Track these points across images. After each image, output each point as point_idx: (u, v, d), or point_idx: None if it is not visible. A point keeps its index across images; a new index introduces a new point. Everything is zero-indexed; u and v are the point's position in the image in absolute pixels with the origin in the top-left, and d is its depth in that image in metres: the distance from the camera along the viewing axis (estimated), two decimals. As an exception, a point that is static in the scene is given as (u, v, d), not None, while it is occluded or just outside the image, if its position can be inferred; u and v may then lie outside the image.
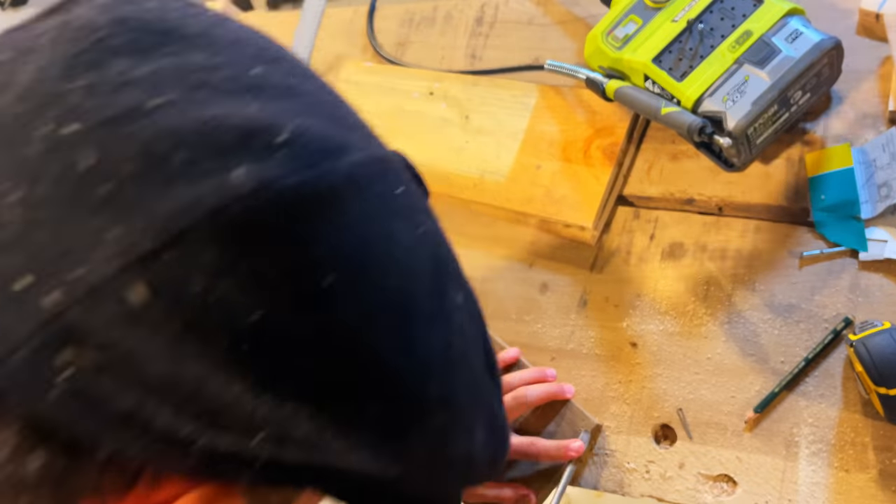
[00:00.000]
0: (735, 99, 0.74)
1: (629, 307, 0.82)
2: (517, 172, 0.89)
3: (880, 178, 0.75)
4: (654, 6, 0.82)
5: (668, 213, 0.85)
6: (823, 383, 0.73)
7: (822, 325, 0.75)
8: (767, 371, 0.75)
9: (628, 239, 0.85)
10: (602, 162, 0.85)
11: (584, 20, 0.97)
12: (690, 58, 0.78)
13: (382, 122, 1.10)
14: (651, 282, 0.82)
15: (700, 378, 0.77)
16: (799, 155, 0.81)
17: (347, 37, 1.13)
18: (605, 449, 0.78)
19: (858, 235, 0.75)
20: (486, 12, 1.04)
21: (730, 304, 0.79)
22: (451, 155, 0.93)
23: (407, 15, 1.10)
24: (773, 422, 0.73)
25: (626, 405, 0.79)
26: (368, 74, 1.04)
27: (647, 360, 0.80)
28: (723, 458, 0.74)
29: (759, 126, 0.75)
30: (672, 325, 0.80)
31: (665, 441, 0.77)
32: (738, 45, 0.76)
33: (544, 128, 0.90)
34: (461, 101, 0.96)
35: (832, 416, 0.72)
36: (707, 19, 0.79)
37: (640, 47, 0.81)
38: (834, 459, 0.70)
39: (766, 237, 0.80)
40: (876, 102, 0.80)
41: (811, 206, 0.78)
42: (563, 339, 0.84)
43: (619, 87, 0.82)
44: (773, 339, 0.76)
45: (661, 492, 0.75)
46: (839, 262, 0.76)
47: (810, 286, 0.76)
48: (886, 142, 0.76)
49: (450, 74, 0.99)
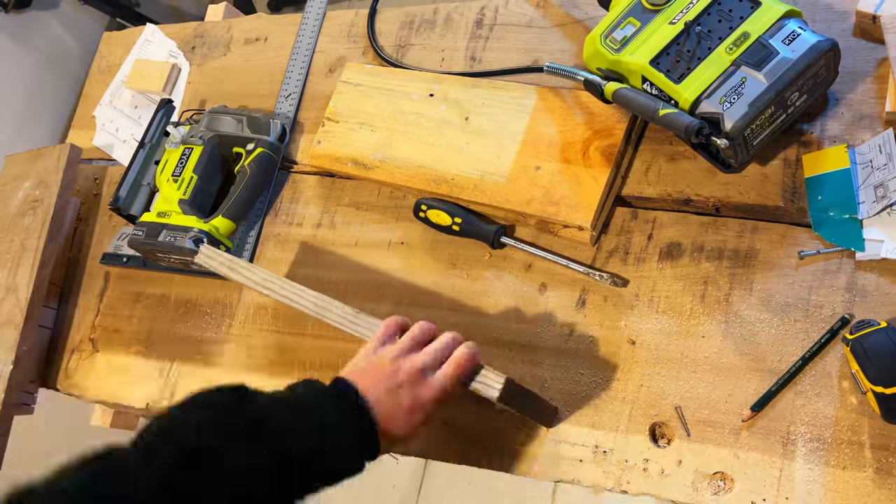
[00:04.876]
0: (732, 100, 0.74)
1: (627, 307, 0.83)
2: (516, 173, 0.90)
3: (877, 179, 0.76)
4: (652, 9, 0.83)
5: (665, 214, 0.86)
6: (820, 382, 0.73)
7: (819, 324, 0.75)
8: (765, 370, 0.75)
9: (626, 239, 0.86)
10: (600, 163, 0.86)
11: (582, 23, 0.98)
12: (688, 60, 0.78)
13: (383, 123, 1.11)
14: (649, 281, 0.83)
15: (698, 377, 0.78)
16: (796, 156, 0.82)
17: (348, 39, 1.13)
18: (604, 446, 0.78)
19: (855, 235, 0.75)
20: (485, 15, 1.05)
21: (727, 303, 0.79)
22: (451, 156, 0.94)
23: (407, 17, 1.10)
24: (770, 420, 0.74)
25: (625, 403, 0.79)
26: (369, 76, 1.04)
27: (646, 358, 0.80)
28: (720, 455, 0.74)
29: (756, 127, 0.75)
30: (670, 325, 0.81)
31: (663, 439, 0.77)
32: (735, 46, 0.76)
33: (543, 129, 0.91)
34: (461, 103, 0.97)
35: (829, 414, 0.72)
36: (704, 21, 0.79)
37: (638, 49, 0.82)
38: (831, 457, 0.71)
39: (763, 237, 0.80)
40: (872, 104, 0.81)
41: (808, 206, 0.79)
42: (562, 338, 0.84)
43: (618, 89, 0.83)
44: (771, 338, 0.76)
45: (659, 489, 0.75)
46: (836, 262, 0.77)
47: (807, 286, 0.77)
48: (883, 143, 0.77)
49: (450, 76, 1.00)
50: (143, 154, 1.11)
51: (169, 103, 1.15)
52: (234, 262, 0.81)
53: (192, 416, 0.62)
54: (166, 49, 1.28)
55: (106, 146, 1.25)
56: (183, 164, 1.06)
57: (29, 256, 1.09)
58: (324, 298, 0.79)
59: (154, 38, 1.30)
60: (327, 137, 1.03)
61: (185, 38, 1.27)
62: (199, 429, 0.61)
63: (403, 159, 0.97)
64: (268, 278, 0.80)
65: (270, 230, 1.06)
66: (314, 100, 1.11)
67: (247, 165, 1.04)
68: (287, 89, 1.13)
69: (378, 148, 0.99)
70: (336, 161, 1.01)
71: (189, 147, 1.07)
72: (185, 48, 1.26)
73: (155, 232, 1.02)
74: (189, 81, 1.23)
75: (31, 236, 1.11)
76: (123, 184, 1.08)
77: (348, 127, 1.02)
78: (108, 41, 1.37)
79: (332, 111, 1.04)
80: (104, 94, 1.29)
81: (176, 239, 1.00)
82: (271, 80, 1.15)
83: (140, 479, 0.56)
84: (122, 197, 1.08)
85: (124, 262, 1.12)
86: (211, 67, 1.22)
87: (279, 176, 1.08)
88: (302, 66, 1.14)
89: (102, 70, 1.33)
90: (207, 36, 1.25)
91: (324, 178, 1.06)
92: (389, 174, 0.97)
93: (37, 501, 0.55)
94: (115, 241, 1.14)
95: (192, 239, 0.99)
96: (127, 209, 1.08)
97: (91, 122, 1.28)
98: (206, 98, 1.20)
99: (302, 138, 1.09)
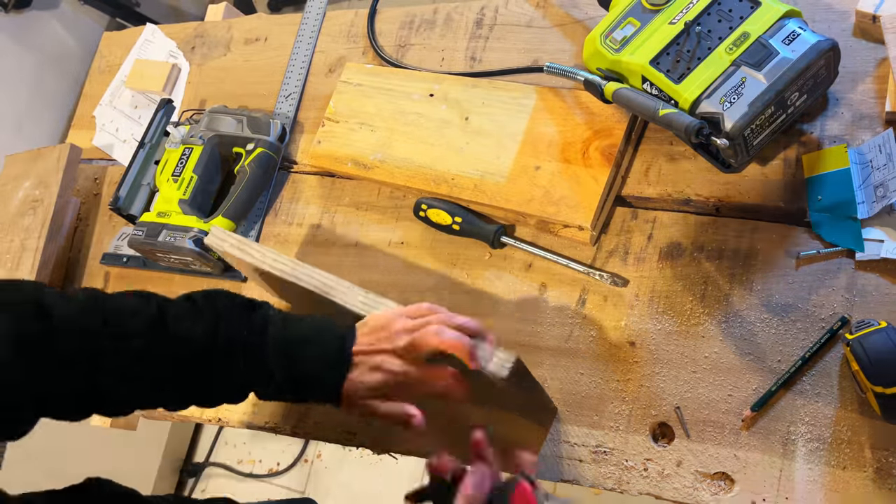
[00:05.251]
0: (732, 100, 0.74)
1: (627, 307, 0.83)
2: (516, 173, 0.90)
3: (877, 179, 0.76)
4: (652, 9, 0.83)
5: (665, 214, 0.86)
6: (820, 382, 0.73)
7: (819, 324, 0.75)
8: (764, 370, 0.75)
9: (626, 239, 0.86)
10: (600, 163, 0.86)
11: (582, 23, 0.98)
12: (688, 60, 0.78)
13: (383, 123, 1.11)
14: (649, 281, 0.83)
15: (698, 377, 0.78)
16: (796, 156, 0.82)
17: (348, 39, 1.13)
18: (604, 447, 0.78)
19: (855, 235, 0.75)
20: (485, 15, 1.05)
21: (727, 303, 0.79)
22: (451, 156, 0.94)
23: (407, 17, 1.10)
24: (770, 420, 0.74)
25: (625, 404, 0.79)
26: (369, 76, 1.04)
27: (646, 358, 0.80)
28: (720, 456, 0.74)
29: (756, 127, 0.75)
30: (670, 325, 0.81)
31: (663, 439, 0.77)
32: (735, 46, 0.76)
33: (543, 129, 0.91)
34: (461, 103, 0.97)
35: (829, 414, 0.72)
36: (704, 21, 0.79)
37: (638, 49, 0.81)
38: (831, 457, 0.71)
39: (763, 237, 0.80)
40: (872, 104, 0.81)
41: (808, 206, 0.79)
42: (562, 338, 0.84)
43: (618, 89, 0.83)
44: (771, 338, 0.76)
45: (658, 489, 0.75)
46: (836, 262, 0.77)
47: (807, 286, 0.77)
48: (883, 143, 0.77)
49: (450, 76, 1.00)
50: (143, 154, 1.11)
51: (169, 103, 1.15)
52: (244, 243, 0.81)
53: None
54: (166, 49, 1.28)
55: (106, 146, 1.25)
56: (183, 164, 1.06)
57: (29, 256, 1.09)
58: (334, 279, 0.79)
59: (154, 38, 1.30)
60: (327, 137, 1.03)
61: (185, 38, 1.27)
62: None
63: (403, 159, 0.97)
64: (278, 258, 0.80)
65: (270, 230, 1.06)
66: (314, 100, 1.11)
67: (247, 165, 1.04)
68: (287, 89, 1.13)
69: (378, 148, 0.99)
70: (336, 161, 1.01)
71: (189, 147, 1.07)
72: (185, 48, 1.26)
73: (155, 232, 1.02)
74: (189, 81, 1.23)
75: (31, 236, 1.11)
76: (123, 184, 1.08)
77: (348, 127, 1.02)
78: (108, 41, 1.37)
79: (332, 111, 1.04)
80: (104, 94, 1.29)
81: (176, 239, 1.00)
82: (271, 80, 1.15)
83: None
84: (122, 197, 1.08)
85: (124, 262, 1.12)
86: (211, 67, 1.22)
87: (279, 176, 1.08)
88: (302, 66, 1.14)
89: (102, 70, 1.33)
90: (207, 36, 1.25)
91: (324, 178, 1.06)
92: (389, 174, 0.97)
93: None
94: (115, 241, 1.14)
95: (192, 239, 0.99)
96: (127, 209, 1.08)
97: (91, 122, 1.28)
98: (206, 98, 1.20)
99: (302, 138, 1.09)
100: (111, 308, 0.68)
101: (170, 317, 0.68)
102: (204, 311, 0.70)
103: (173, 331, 0.68)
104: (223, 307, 0.71)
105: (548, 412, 0.81)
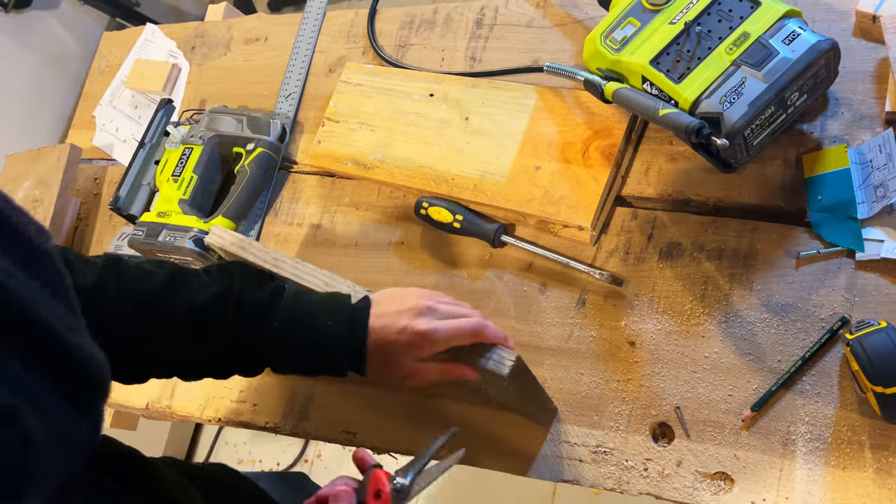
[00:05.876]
0: (732, 100, 0.74)
1: (627, 307, 0.83)
2: (516, 173, 0.90)
3: (877, 179, 0.76)
4: (652, 8, 0.83)
5: (665, 214, 0.86)
6: (820, 382, 0.73)
7: (819, 324, 0.75)
8: (764, 370, 0.75)
9: (626, 239, 0.86)
10: (600, 163, 0.86)
11: (582, 23, 0.98)
12: (688, 60, 0.78)
13: (383, 123, 1.11)
14: (649, 281, 0.83)
15: (698, 377, 0.78)
16: (796, 156, 0.82)
17: (348, 39, 1.13)
18: (604, 446, 0.78)
19: (855, 235, 0.76)
20: (485, 15, 1.05)
21: (727, 303, 0.79)
22: (451, 156, 0.94)
23: (407, 17, 1.10)
24: (770, 420, 0.74)
25: (625, 404, 0.79)
26: (369, 76, 1.04)
27: (646, 358, 0.80)
28: (720, 456, 0.74)
29: (756, 127, 0.75)
30: (670, 325, 0.81)
31: (663, 439, 0.77)
32: (735, 46, 0.76)
33: (543, 129, 0.91)
34: (461, 103, 0.97)
35: (829, 414, 0.72)
36: (704, 21, 0.79)
37: (639, 49, 0.81)
38: (831, 457, 0.71)
39: (763, 237, 0.80)
40: (872, 104, 0.81)
41: (808, 206, 0.79)
42: (562, 338, 0.84)
43: (618, 89, 0.82)
44: (771, 338, 0.76)
45: (659, 489, 0.75)
46: (836, 262, 0.77)
47: (807, 286, 0.77)
48: (883, 143, 0.77)
49: (450, 76, 1.00)
50: (143, 154, 1.11)
51: (169, 103, 1.15)
52: (244, 242, 0.81)
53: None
54: (166, 49, 1.28)
55: (106, 146, 1.25)
56: (183, 164, 1.06)
57: (29, 256, 1.09)
58: (335, 278, 0.79)
59: (154, 38, 1.30)
60: (327, 137, 1.03)
61: (185, 38, 1.27)
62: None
63: (403, 159, 0.97)
64: (279, 257, 0.80)
65: (270, 230, 1.06)
66: (314, 100, 1.11)
67: (247, 165, 1.04)
68: (287, 89, 1.13)
69: (378, 148, 0.99)
70: (336, 161, 1.01)
71: (189, 147, 1.07)
72: (185, 48, 1.26)
73: (155, 232, 1.02)
74: (189, 81, 1.23)
75: (31, 236, 1.11)
76: (123, 184, 1.08)
77: (348, 127, 1.02)
78: (108, 41, 1.37)
79: (332, 111, 1.04)
80: (104, 94, 1.29)
81: (176, 239, 1.00)
82: (271, 80, 1.15)
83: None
84: (122, 197, 1.08)
85: (124, 262, 1.12)
86: (211, 67, 1.22)
87: (279, 176, 1.08)
88: (302, 66, 1.14)
89: (102, 70, 1.33)
90: (207, 36, 1.25)
91: (324, 178, 1.06)
92: (389, 174, 0.97)
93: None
94: (116, 241, 1.14)
95: (192, 239, 0.99)
96: (127, 209, 1.08)
97: (91, 122, 1.28)
98: (206, 98, 1.20)
99: (302, 138, 1.09)
100: (125, 270, 0.71)
101: (183, 273, 0.72)
102: (219, 273, 0.73)
103: (187, 286, 0.71)
104: (238, 272, 0.73)
105: (548, 412, 0.81)
